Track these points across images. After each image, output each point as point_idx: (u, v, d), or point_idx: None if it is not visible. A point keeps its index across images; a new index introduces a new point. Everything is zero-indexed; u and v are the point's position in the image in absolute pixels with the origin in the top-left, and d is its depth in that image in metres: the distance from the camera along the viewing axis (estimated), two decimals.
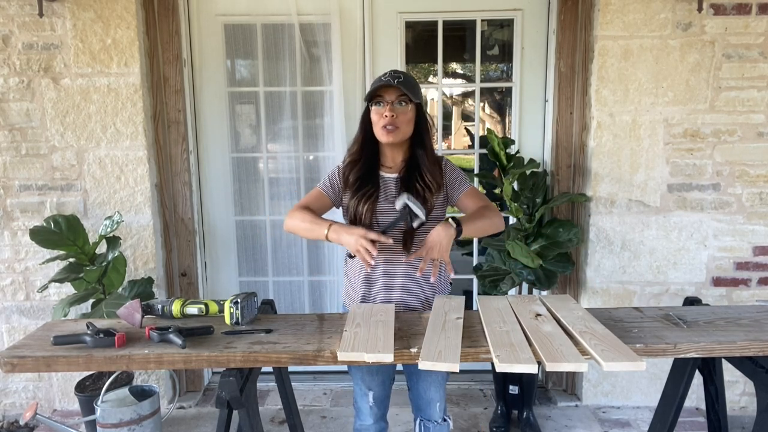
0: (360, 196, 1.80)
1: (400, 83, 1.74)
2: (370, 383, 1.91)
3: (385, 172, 1.86)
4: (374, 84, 1.79)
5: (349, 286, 1.94)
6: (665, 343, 1.52)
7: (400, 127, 1.77)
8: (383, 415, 1.99)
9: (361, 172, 1.83)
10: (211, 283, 3.12)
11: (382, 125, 1.76)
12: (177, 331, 1.55)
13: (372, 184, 1.82)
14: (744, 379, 2.79)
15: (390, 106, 1.75)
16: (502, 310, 1.72)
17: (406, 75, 1.79)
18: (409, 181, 1.81)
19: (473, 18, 2.89)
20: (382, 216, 1.80)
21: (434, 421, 1.93)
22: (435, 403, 1.93)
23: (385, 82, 1.74)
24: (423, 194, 1.78)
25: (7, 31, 2.59)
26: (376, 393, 1.92)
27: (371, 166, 1.85)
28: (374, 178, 1.84)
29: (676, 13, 2.57)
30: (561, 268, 2.63)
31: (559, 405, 2.92)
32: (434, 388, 1.91)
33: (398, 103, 1.76)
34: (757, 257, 2.75)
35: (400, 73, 1.78)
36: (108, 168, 2.71)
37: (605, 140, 2.67)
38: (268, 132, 3.01)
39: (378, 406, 1.94)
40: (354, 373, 1.93)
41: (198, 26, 2.87)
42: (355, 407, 2.00)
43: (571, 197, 2.70)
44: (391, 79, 1.74)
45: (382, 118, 1.76)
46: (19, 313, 2.82)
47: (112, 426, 2.29)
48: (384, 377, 1.92)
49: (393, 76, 1.76)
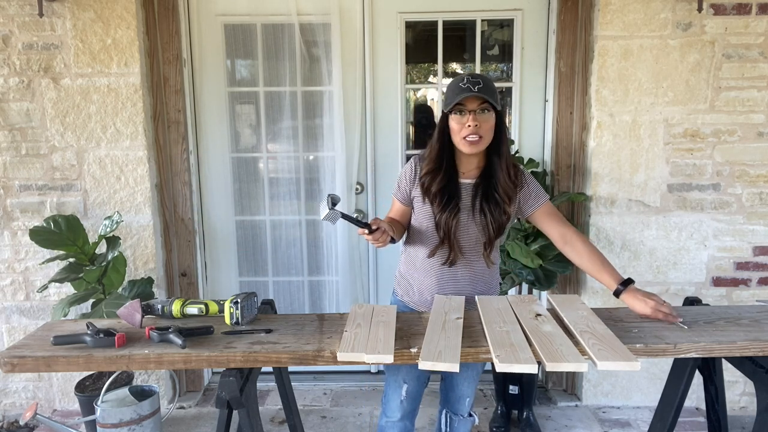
0: (450, 210, 1.77)
1: (480, 90, 1.66)
2: (406, 376, 1.88)
3: (462, 179, 1.83)
4: (454, 92, 1.71)
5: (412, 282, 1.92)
6: (665, 343, 1.52)
7: (484, 137, 1.72)
8: (411, 412, 1.95)
9: (444, 182, 1.79)
10: (211, 283, 3.12)
11: (464, 135, 1.71)
12: (177, 331, 1.55)
13: (456, 195, 1.80)
14: (744, 379, 2.79)
15: (473, 115, 1.69)
16: (502, 310, 1.72)
17: (485, 79, 1.71)
18: (488, 188, 1.79)
19: (473, 18, 2.89)
20: (461, 223, 1.80)
21: (460, 415, 1.96)
22: (465, 399, 1.94)
23: (466, 89, 1.67)
24: (501, 204, 1.78)
25: (7, 31, 2.59)
26: (410, 387, 1.90)
27: (452, 175, 1.81)
28: (456, 188, 1.81)
29: (676, 13, 2.57)
30: (561, 268, 2.63)
31: (559, 405, 2.92)
32: (467, 383, 1.92)
33: (480, 111, 1.70)
34: (757, 257, 2.75)
35: (479, 78, 1.70)
36: (108, 168, 2.71)
37: (605, 140, 2.67)
38: (268, 132, 3.01)
39: (409, 401, 1.91)
40: (390, 365, 1.87)
41: (198, 26, 2.87)
42: (383, 401, 1.97)
43: (570, 197, 2.70)
44: (471, 86, 1.67)
45: (465, 128, 1.70)
46: (19, 313, 2.82)
47: (112, 426, 2.29)
48: (420, 373, 1.89)
49: (473, 82, 1.67)
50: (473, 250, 1.84)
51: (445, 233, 1.79)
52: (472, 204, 1.80)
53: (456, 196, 1.80)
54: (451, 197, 1.79)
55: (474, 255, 1.85)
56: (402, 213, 1.92)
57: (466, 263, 1.85)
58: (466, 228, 1.81)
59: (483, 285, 1.90)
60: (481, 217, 1.79)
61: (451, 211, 1.78)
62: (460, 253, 1.82)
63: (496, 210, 1.78)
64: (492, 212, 1.78)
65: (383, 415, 1.97)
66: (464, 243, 1.82)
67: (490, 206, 1.78)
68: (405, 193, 1.89)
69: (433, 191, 1.79)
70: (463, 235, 1.82)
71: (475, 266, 1.87)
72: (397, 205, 1.93)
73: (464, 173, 1.83)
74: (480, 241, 1.83)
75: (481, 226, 1.80)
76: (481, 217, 1.79)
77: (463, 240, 1.82)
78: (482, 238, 1.82)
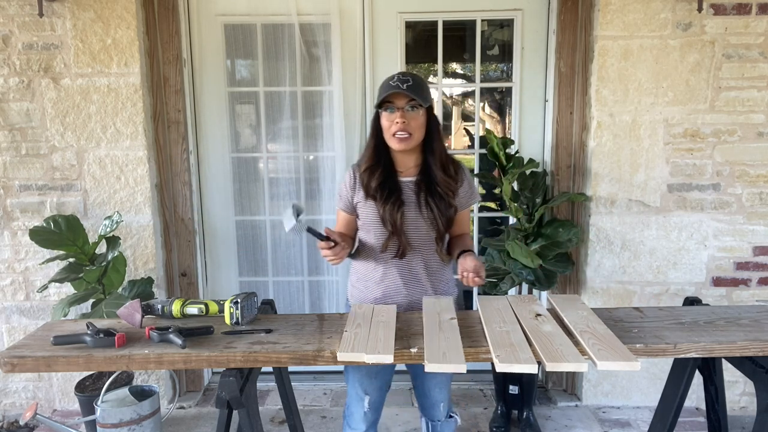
0: (392, 204, 1.78)
1: (409, 87, 1.70)
2: (367, 387, 1.88)
3: (401, 177, 1.85)
4: (383, 89, 1.75)
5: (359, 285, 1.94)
6: (665, 343, 1.52)
7: (413, 134, 1.74)
8: (375, 421, 1.96)
9: (382, 177, 1.81)
10: (211, 283, 3.12)
11: (393, 132, 1.74)
12: (177, 331, 1.55)
13: (396, 189, 1.81)
14: (744, 379, 2.79)
15: (401, 113, 1.72)
16: (502, 310, 1.72)
17: (415, 77, 1.75)
18: (429, 184, 1.81)
19: (473, 18, 2.89)
20: (408, 219, 1.80)
21: (438, 420, 1.96)
22: (439, 404, 1.94)
23: (395, 87, 1.70)
24: (446, 197, 1.80)
25: (7, 31, 2.59)
26: (373, 398, 1.90)
27: (390, 171, 1.83)
28: (396, 183, 1.83)
29: (676, 13, 2.57)
30: (561, 268, 2.63)
31: (559, 405, 2.92)
32: (438, 389, 1.92)
33: (409, 108, 1.73)
34: (757, 257, 2.75)
35: (408, 76, 1.74)
36: (108, 168, 2.71)
37: (605, 140, 2.67)
38: (268, 132, 3.01)
39: (372, 412, 1.92)
40: (351, 377, 1.90)
41: (198, 26, 2.87)
42: (346, 413, 1.97)
43: (570, 197, 2.70)
44: (400, 83, 1.70)
45: (394, 125, 1.73)
46: (19, 313, 2.82)
47: (112, 426, 2.29)
48: (382, 383, 1.91)
49: (402, 80, 1.71)
50: (425, 246, 1.84)
51: (392, 225, 1.79)
52: (417, 201, 1.81)
53: (396, 190, 1.81)
54: (391, 191, 1.80)
55: (427, 250, 1.85)
56: (348, 223, 1.93)
57: (419, 259, 1.85)
58: (415, 225, 1.81)
59: (439, 281, 1.90)
60: (428, 211, 1.80)
61: (394, 203, 1.78)
62: (410, 247, 1.82)
63: (441, 203, 1.80)
64: (438, 206, 1.80)
65: (347, 426, 1.96)
66: (414, 239, 1.83)
67: (435, 200, 1.80)
68: (348, 201, 1.89)
69: (373, 187, 1.81)
70: (412, 232, 1.82)
71: (429, 262, 1.87)
72: (342, 216, 1.94)
73: (402, 172, 1.85)
74: (431, 237, 1.83)
75: (429, 221, 1.81)
76: (428, 212, 1.80)
77: (413, 236, 1.82)
78: (432, 233, 1.83)
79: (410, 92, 1.69)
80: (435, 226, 1.81)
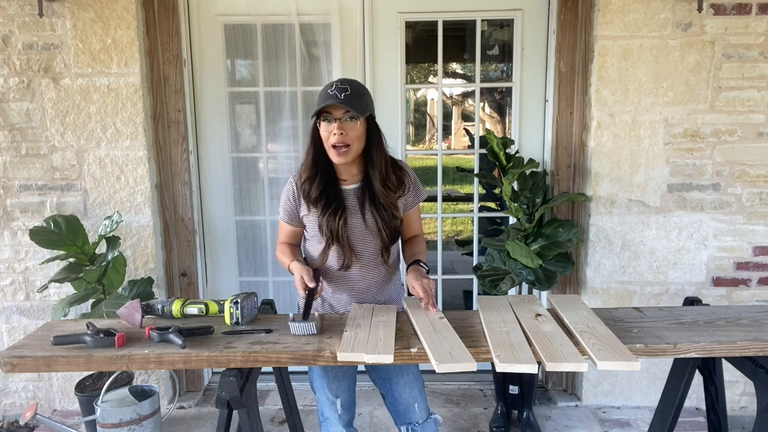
0: (331, 213, 1.74)
1: (347, 97, 1.62)
2: (337, 390, 1.86)
3: (343, 185, 1.80)
4: (321, 98, 1.68)
5: None
6: (665, 343, 1.52)
7: (351, 146, 1.69)
8: (351, 420, 1.93)
9: (322, 186, 1.76)
10: (211, 283, 3.12)
11: (332, 144, 1.68)
12: (177, 331, 1.55)
13: (337, 198, 1.77)
14: (744, 379, 2.79)
15: (339, 123, 1.65)
16: (502, 310, 1.72)
17: (354, 85, 1.68)
18: (372, 194, 1.77)
19: (473, 18, 2.89)
20: (352, 228, 1.77)
21: (416, 422, 1.87)
22: (414, 404, 1.86)
23: (332, 96, 1.63)
24: (389, 209, 1.77)
25: (7, 31, 2.59)
26: (344, 399, 1.87)
27: (330, 179, 1.78)
28: (337, 191, 1.78)
29: (676, 13, 2.57)
30: (561, 268, 2.63)
31: (559, 405, 2.92)
32: (408, 389, 1.85)
33: (348, 119, 1.66)
34: (757, 257, 2.75)
35: (347, 84, 1.66)
36: (108, 168, 2.71)
37: (605, 140, 2.67)
38: (268, 132, 3.01)
39: (346, 411, 1.89)
40: (318, 384, 1.87)
41: (198, 26, 2.87)
42: (321, 420, 1.93)
43: (570, 197, 2.70)
44: (338, 93, 1.63)
45: (332, 136, 1.67)
46: (19, 313, 2.82)
47: (112, 426, 2.29)
48: (349, 381, 1.89)
49: (340, 89, 1.64)
50: (372, 257, 1.82)
51: (332, 234, 1.75)
52: (361, 209, 1.77)
53: (338, 198, 1.77)
54: (331, 200, 1.76)
55: (373, 262, 1.82)
56: (295, 235, 1.90)
57: (366, 270, 1.83)
58: (361, 235, 1.79)
59: (388, 291, 1.89)
60: (373, 222, 1.77)
61: (334, 212, 1.74)
62: (356, 257, 1.79)
63: (385, 214, 1.76)
64: (382, 217, 1.76)
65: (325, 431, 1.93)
66: (361, 249, 1.80)
67: (379, 211, 1.76)
68: (293, 214, 1.85)
69: (313, 196, 1.77)
70: (358, 242, 1.79)
71: (375, 273, 1.84)
72: (285, 228, 1.89)
73: (345, 180, 1.80)
74: (378, 248, 1.81)
75: (374, 231, 1.78)
76: (373, 223, 1.77)
77: (359, 247, 1.80)
78: (378, 244, 1.80)
79: (347, 103, 1.62)
80: (380, 237, 1.78)
